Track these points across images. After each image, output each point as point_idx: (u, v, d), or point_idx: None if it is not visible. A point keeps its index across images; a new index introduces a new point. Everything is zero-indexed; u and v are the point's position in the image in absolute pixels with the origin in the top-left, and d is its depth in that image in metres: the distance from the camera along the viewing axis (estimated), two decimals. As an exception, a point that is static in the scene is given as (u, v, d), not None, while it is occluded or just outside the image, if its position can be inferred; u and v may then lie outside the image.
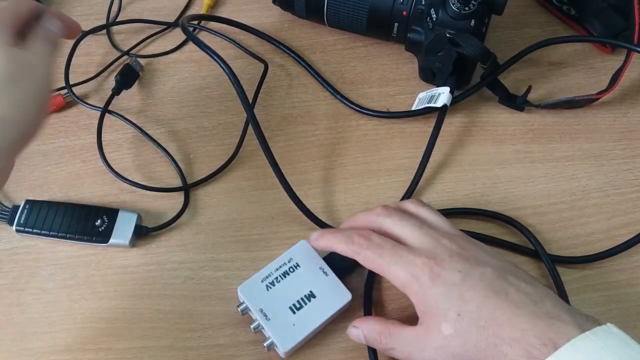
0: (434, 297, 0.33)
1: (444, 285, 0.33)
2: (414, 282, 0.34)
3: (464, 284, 0.33)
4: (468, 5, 0.45)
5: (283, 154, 0.48)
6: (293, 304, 0.38)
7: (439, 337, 0.33)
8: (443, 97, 0.47)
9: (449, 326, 0.32)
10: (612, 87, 0.49)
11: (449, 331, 0.32)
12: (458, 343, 0.32)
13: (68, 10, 0.58)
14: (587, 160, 0.48)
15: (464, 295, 0.33)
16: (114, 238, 0.43)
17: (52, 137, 0.50)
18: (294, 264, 0.40)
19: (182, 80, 0.53)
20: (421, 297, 0.34)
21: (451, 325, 0.32)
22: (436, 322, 0.33)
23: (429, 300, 0.34)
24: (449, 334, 0.32)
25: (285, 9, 0.54)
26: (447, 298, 0.33)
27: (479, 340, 0.32)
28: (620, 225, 0.45)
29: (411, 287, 0.34)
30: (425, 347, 0.33)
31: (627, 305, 0.41)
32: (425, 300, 0.34)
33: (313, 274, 0.39)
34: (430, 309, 0.34)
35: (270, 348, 0.38)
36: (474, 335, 0.32)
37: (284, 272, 0.40)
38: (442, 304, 0.33)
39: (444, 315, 0.33)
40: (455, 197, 0.46)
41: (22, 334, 0.41)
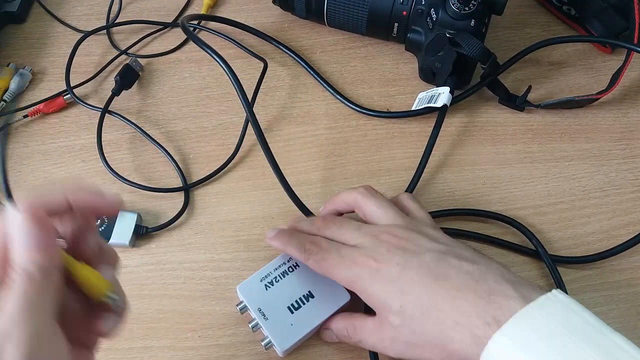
0: (376, 293, 0.34)
1: (383, 281, 0.34)
2: (357, 280, 0.35)
3: (403, 275, 0.34)
4: (468, 5, 0.45)
5: (283, 154, 0.48)
6: (291, 304, 0.38)
7: (390, 329, 0.34)
8: (443, 97, 0.47)
9: (395, 318, 0.34)
10: (612, 87, 0.49)
11: (397, 322, 0.34)
12: (407, 332, 0.33)
13: (68, 11, 0.58)
14: (587, 160, 0.48)
15: (403, 288, 0.34)
16: (114, 238, 0.43)
17: (52, 137, 0.50)
18: (293, 264, 0.40)
19: (182, 80, 0.53)
20: (365, 295, 0.35)
21: (397, 317, 0.33)
22: (385, 314, 0.34)
23: (373, 297, 0.35)
24: (397, 324, 0.34)
25: (285, 9, 0.55)
26: (388, 292, 0.34)
27: (425, 329, 0.33)
28: (620, 225, 0.45)
29: (354, 285, 0.35)
30: (384, 338, 0.35)
31: (627, 305, 0.41)
32: (370, 297, 0.35)
33: (312, 274, 0.39)
34: (376, 304, 0.35)
35: (269, 347, 0.38)
36: (420, 324, 0.33)
37: (283, 272, 0.40)
38: (385, 298, 0.34)
39: (389, 308, 0.34)
40: (456, 197, 0.46)
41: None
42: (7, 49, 0.55)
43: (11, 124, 0.50)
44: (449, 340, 0.32)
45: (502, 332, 0.30)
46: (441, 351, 0.32)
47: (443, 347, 0.32)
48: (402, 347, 0.34)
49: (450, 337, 0.32)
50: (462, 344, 0.31)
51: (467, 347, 0.31)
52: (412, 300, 0.33)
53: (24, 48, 0.55)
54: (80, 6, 0.58)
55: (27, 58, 0.54)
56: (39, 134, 0.50)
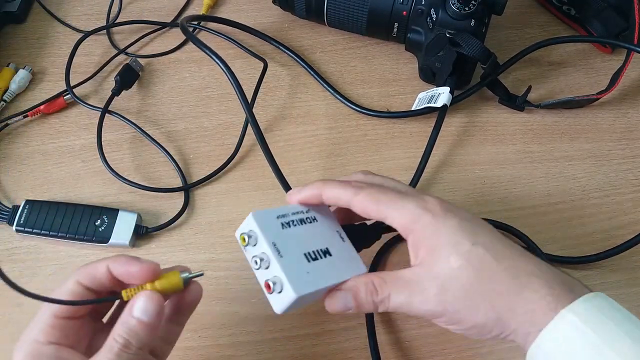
0: (447, 228, 0.31)
1: (456, 218, 0.31)
2: (426, 213, 0.31)
3: (475, 220, 0.32)
4: (468, 5, 0.45)
5: (283, 154, 0.48)
6: (309, 252, 0.32)
7: (446, 271, 0.30)
8: (443, 97, 0.47)
9: (458, 258, 0.30)
10: (612, 87, 0.49)
11: (459, 262, 0.30)
12: (470, 274, 0.30)
13: (68, 11, 0.58)
14: (587, 160, 0.48)
15: (476, 230, 0.31)
16: (114, 238, 0.43)
17: (53, 137, 0.50)
18: (311, 216, 0.35)
19: (182, 81, 0.53)
20: (430, 231, 0.31)
21: (462, 257, 0.30)
22: (444, 255, 0.30)
23: (440, 232, 0.31)
24: (458, 265, 0.30)
25: (285, 9, 0.55)
26: (461, 229, 0.31)
27: (495, 272, 0.30)
28: (620, 225, 0.45)
29: (423, 218, 0.31)
30: (428, 285, 0.30)
31: (627, 305, 0.40)
32: (435, 233, 0.31)
33: (330, 233, 0.35)
34: (439, 242, 0.31)
35: (274, 292, 0.30)
36: (490, 265, 0.30)
37: (301, 220, 0.34)
38: (455, 234, 0.30)
39: (455, 246, 0.30)
40: (455, 197, 0.46)
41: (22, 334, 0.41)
42: (7, 49, 0.55)
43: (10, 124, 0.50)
44: (520, 287, 0.29)
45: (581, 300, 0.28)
46: (501, 308, 0.29)
47: (505, 300, 0.29)
48: (449, 298, 0.30)
49: (523, 284, 0.29)
50: (536, 295, 0.29)
51: (540, 307, 0.28)
52: (487, 242, 0.30)
53: (24, 48, 0.55)
54: (80, 6, 0.58)
55: (27, 58, 0.54)
56: (39, 134, 0.50)
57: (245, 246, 0.32)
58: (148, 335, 0.29)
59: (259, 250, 0.31)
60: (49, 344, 0.29)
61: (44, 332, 0.30)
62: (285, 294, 0.30)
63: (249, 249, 0.32)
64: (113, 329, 0.29)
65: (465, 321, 0.30)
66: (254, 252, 0.32)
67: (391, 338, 0.40)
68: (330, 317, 0.41)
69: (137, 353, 0.29)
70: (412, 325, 0.41)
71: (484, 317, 0.30)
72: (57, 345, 0.30)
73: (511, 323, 0.29)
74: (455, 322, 0.31)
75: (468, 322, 0.30)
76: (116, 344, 0.28)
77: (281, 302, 0.30)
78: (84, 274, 0.31)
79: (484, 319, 0.30)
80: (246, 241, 0.32)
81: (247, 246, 0.32)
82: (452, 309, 0.30)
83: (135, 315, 0.29)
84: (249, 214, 0.32)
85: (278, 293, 0.30)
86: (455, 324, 0.31)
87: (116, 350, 0.28)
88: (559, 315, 0.28)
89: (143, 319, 0.29)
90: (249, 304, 0.42)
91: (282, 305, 0.30)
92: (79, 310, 0.31)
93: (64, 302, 0.30)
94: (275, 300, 0.31)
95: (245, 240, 0.32)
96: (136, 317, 0.29)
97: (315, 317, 0.41)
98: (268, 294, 0.31)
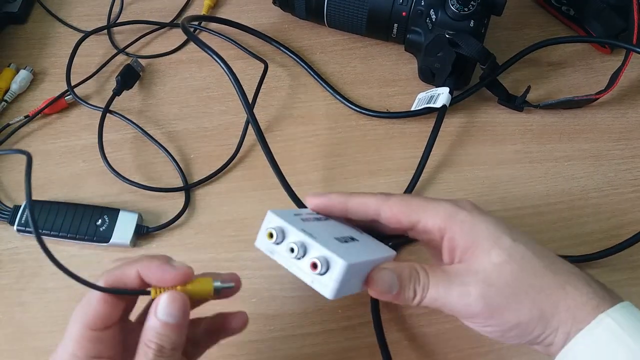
0: (484, 224, 0.30)
1: (490, 216, 0.31)
2: (460, 210, 0.31)
3: (507, 223, 0.31)
4: (467, 6, 0.45)
5: (283, 154, 0.48)
6: (337, 238, 0.31)
7: (488, 266, 0.29)
8: (442, 97, 0.47)
9: (501, 253, 0.29)
10: (611, 88, 0.49)
11: (502, 257, 0.29)
12: (514, 269, 0.29)
13: (69, 11, 0.58)
14: (586, 160, 0.48)
15: (511, 228, 0.31)
16: (114, 238, 0.44)
17: (54, 138, 0.50)
18: (325, 217, 0.34)
19: (183, 81, 0.53)
20: (468, 226, 0.30)
21: (504, 251, 0.29)
22: (485, 250, 0.29)
23: (478, 227, 0.30)
24: (501, 260, 0.29)
25: (285, 9, 0.55)
26: (499, 225, 0.30)
27: (537, 268, 0.29)
28: (619, 225, 0.45)
29: (457, 216, 0.31)
30: (470, 279, 0.29)
31: (625, 304, 0.42)
32: (473, 228, 0.30)
33: (349, 228, 0.34)
34: (478, 238, 0.30)
35: (322, 273, 0.28)
36: (531, 261, 0.29)
37: (316, 218, 0.33)
38: (494, 230, 0.30)
39: (496, 242, 0.30)
40: (455, 197, 0.46)
41: (24, 333, 0.41)
42: (8, 49, 0.55)
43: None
44: (560, 285, 0.28)
45: (619, 307, 0.28)
46: (544, 304, 0.28)
47: (549, 296, 0.28)
48: (492, 293, 0.29)
49: (564, 282, 0.28)
50: (578, 293, 0.28)
51: (583, 304, 0.28)
52: (525, 240, 0.30)
53: (25, 48, 0.55)
54: (81, 7, 0.58)
55: (28, 58, 0.55)
56: (40, 134, 0.50)
57: (274, 243, 0.30)
58: (178, 336, 0.29)
59: (290, 240, 0.29)
60: (89, 359, 0.29)
61: (82, 347, 0.29)
62: (334, 268, 0.28)
63: (279, 246, 0.30)
64: (142, 333, 0.29)
65: (507, 319, 0.29)
66: (285, 244, 0.30)
67: (392, 337, 0.40)
68: (331, 316, 0.41)
69: (172, 354, 0.28)
70: (414, 325, 0.41)
71: (528, 314, 0.28)
72: (95, 358, 0.29)
73: (554, 320, 0.28)
74: (495, 321, 0.29)
75: (510, 321, 0.29)
76: (150, 350, 0.28)
77: (330, 279, 0.28)
78: (113, 279, 0.30)
79: (528, 317, 0.29)
80: (274, 236, 0.30)
81: (276, 242, 0.30)
82: (494, 304, 0.29)
83: (160, 317, 0.28)
84: (267, 212, 0.31)
85: (325, 272, 0.28)
86: (494, 324, 0.29)
87: (151, 356, 0.28)
88: (598, 319, 0.28)
89: (169, 321, 0.28)
90: (249, 303, 0.42)
91: (333, 282, 0.28)
92: (111, 319, 0.30)
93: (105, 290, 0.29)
94: (324, 281, 0.28)
95: (273, 235, 0.30)
96: (161, 320, 0.28)
97: (316, 317, 0.41)
98: (315, 275, 0.28)
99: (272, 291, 0.42)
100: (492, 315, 0.29)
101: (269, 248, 0.30)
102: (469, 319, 0.30)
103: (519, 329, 0.29)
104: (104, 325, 0.29)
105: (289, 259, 0.29)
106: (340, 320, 0.41)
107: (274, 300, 0.42)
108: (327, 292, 0.28)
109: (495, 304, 0.29)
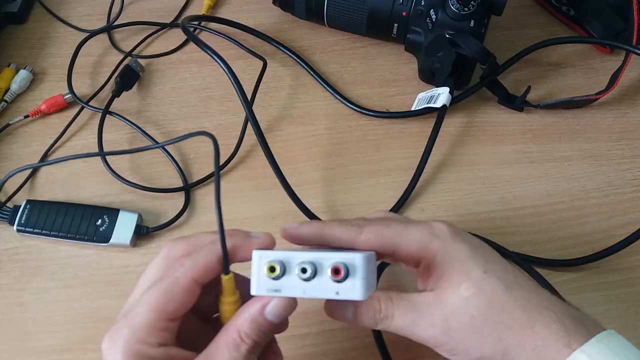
0: (459, 253, 0.30)
1: (466, 243, 0.30)
2: (435, 239, 0.30)
3: (483, 246, 0.31)
4: (467, 6, 0.45)
5: (283, 154, 0.48)
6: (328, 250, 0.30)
7: (456, 299, 0.29)
8: (442, 97, 0.47)
9: (470, 285, 0.29)
10: (611, 88, 0.49)
11: (471, 291, 0.29)
12: (481, 303, 0.29)
13: (69, 11, 0.58)
14: (586, 160, 0.48)
15: (487, 257, 0.30)
16: (114, 238, 0.43)
17: (53, 138, 0.50)
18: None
19: (182, 81, 0.53)
20: (442, 256, 0.30)
21: (474, 284, 0.29)
22: (456, 282, 0.29)
23: (452, 257, 0.30)
24: (470, 294, 0.29)
25: (285, 9, 0.55)
26: (473, 255, 0.30)
27: (506, 303, 0.29)
28: (619, 225, 0.45)
29: (431, 245, 0.30)
30: (436, 311, 0.29)
31: (626, 305, 0.41)
32: (447, 258, 0.30)
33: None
34: (450, 268, 0.30)
35: (341, 271, 0.28)
36: (501, 296, 0.29)
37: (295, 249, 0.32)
38: (467, 260, 0.30)
39: (467, 274, 0.29)
40: (455, 197, 0.46)
41: (23, 333, 0.41)
42: (8, 49, 0.55)
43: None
44: (531, 321, 0.28)
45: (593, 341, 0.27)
46: (509, 342, 0.28)
47: (516, 334, 0.28)
48: (457, 326, 0.29)
49: (534, 319, 0.28)
50: (547, 331, 0.28)
51: (552, 343, 0.27)
52: (498, 271, 0.29)
53: (24, 48, 0.55)
54: (81, 6, 0.58)
55: (28, 58, 0.55)
56: (40, 134, 0.50)
57: (276, 277, 0.28)
58: (271, 336, 0.28)
59: (297, 262, 0.28)
60: (159, 346, 0.27)
61: (153, 335, 0.27)
62: (354, 267, 0.27)
63: (282, 279, 0.28)
64: (234, 324, 0.28)
65: (470, 352, 0.29)
66: (292, 271, 0.28)
67: (391, 337, 0.40)
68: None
69: (258, 352, 0.28)
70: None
71: (491, 350, 0.28)
72: (166, 346, 0.28)
73: (520, 359, 0.28)
74: (459, 353, 0.29)
75: (473, 354, 0.29)
76: (244, 345, 0.27)
77: (355, 280, 0.28)
78: (201, 272, 0.28)
79: (491, 352, 0.28)
80: (277, 270, 0.28)
81: (278, 275, 0.28)
82: (459, 337, 0.29)
83: (269, 317, 0.28)
84: (253, 252, 0.29)
85: (346, 277, 0.28)
86: (459, 355, 0.30)
87: (244, 351, 0.27)
88: (571, 357, 0.27)
89: (274, 322, 0.28)
90: (249, 303, 0.42)
91: (360, 281, 0.27)
92: (186, 309, 0.28)
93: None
94: (349, 286, 0.28)
95: (276, 268, 0.28)
96: (269, 320, 0.28)
97: (315, 317, 0.41)
98: (337, 285, 0.28)
99: (272, 291, 0.42)
100: (456, 348, 0.29)
101: (271, 287, 0.28)
102: (436, 348, 0.30)
103: None
104: (179, 316, 0.28)
105: (301, 284, 0.28)
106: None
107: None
108: (357, 294, 0.28)
109: (460, 337, 0.29)
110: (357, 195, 0.47)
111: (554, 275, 0.42)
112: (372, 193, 0.47)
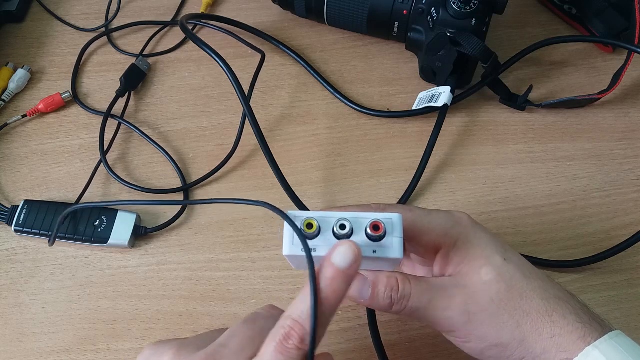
0: (480, 239, 0.30)
1: (487, 232, 0.31)
2: (456, 225, 0.31)
3: (501, 238, 0.31)
4: (469, 4, 0.44)
5: (283, 153, 0.48)
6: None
7: (476, 283, 0.29)
8: (444, 96, 0.47)
9: (491, 270, 0.29)
10: (614, 87, 0.49)
11: (491, 275, 0.29)
12: (501, 288, 0.29)
13: (67, 10, 0.58)
14: (588, 160, 0.48)
15: (505, 246, 0.31)
16: (113, 238, 0.43)
17: (51, 137, 0.50)
18: None
19: (181, 80, 0.53)
20: (463, 242, 0.30)
21: (495, 269, 0.29)
22: (476, 267, 0.30)
23: (473, 242, 0.30)
24: (490, 278, 0.29)
25: (285, 8, 0.54)
26: (493, 243, 0.30)
27: (525, 290, 0.29)
28: (621, 226, 0.44)
29: (453, 231, 0.31)
30: (456, 292, 0.29)
31: (628, 305, 0.41)
32: (469, 243, 0.30)
33: None
34: (472, 253, 0.30)
35: (382, 226, 0.28)
36: (520, 282, 0.29)
37: None
38: (488, 246, 0.30)
39: (487, 259, 0.30)
40: (456, 197, 0.46)
41: (21, 334, 0.41)
42: (6, 48, 0.55)
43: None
44: (548, 311, 0.28)
45: (606, 338, 0.28)
46: (527, 328, 0.28)
47: (534, 321, 0.28)
48: (476, 309, 0.29)
49: (552, 309, 0.28)
50: (565, 321, 0.28)
51: (569, 333, 0.28)
52: (516, 260, 0.30)
53: (22, 47, 0.55)
54: (79, 5, 0.58)
55: (26, 57, 0.54)
56: (38, 133, 0.50)
57: (313, 234, 0.28)
58: (346, 286, 0.26)
59: (334, 221, 0.28)
60: None
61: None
62: (393, 225, 0.28)
63: (318, 237, 0.28)
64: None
65: (487, 338, 0.29)
66: (332, 228, 0.28)
67: (391, 339, 0.40)
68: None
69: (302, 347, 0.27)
70: (413, 327, 0.40)
71: (510, 336, 0.28)
72: None
73: (536, 346, 0.28)
74: (474, 339, 0.29)
75: (491, 339, 0.29)
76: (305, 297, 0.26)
77: (394, 238, 0.28)
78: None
79: (509, 338, 0.28)
80: (315, 226, 0.28)
81: (315, 233, 0.28)
82: (477, 321, 0.29)
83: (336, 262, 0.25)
84: (287, 213, 0.28)
85: (384, 235, 0.28)
86: (473, 342, 0.29)
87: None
88: (585, 352, 0.27)
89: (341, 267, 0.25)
90: (249, 304, 0.41)
91: (398, 239, 0.28)
92: None
93: None
94: (387, 244, 0.28)
95: (314, 225, 0.28)
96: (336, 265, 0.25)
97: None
98: (375, 245, 0.28)
99: (272, 292, 0.42)
100: (474, 332, 0.29)
101: (306, 245, 0.27)
102: (450, 333, 0.30)
103: (499, 349, 0.29)
104: None
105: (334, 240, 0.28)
106: (340, 321, 0.41)
107: (273, 302, 0.41)
108: (396, 252, 0.28)
109: (478, 320, 0.29)
110: (357, 196, 0.46)
111: (556, 276, 0.42)
112: (372, 193, 0.47)
